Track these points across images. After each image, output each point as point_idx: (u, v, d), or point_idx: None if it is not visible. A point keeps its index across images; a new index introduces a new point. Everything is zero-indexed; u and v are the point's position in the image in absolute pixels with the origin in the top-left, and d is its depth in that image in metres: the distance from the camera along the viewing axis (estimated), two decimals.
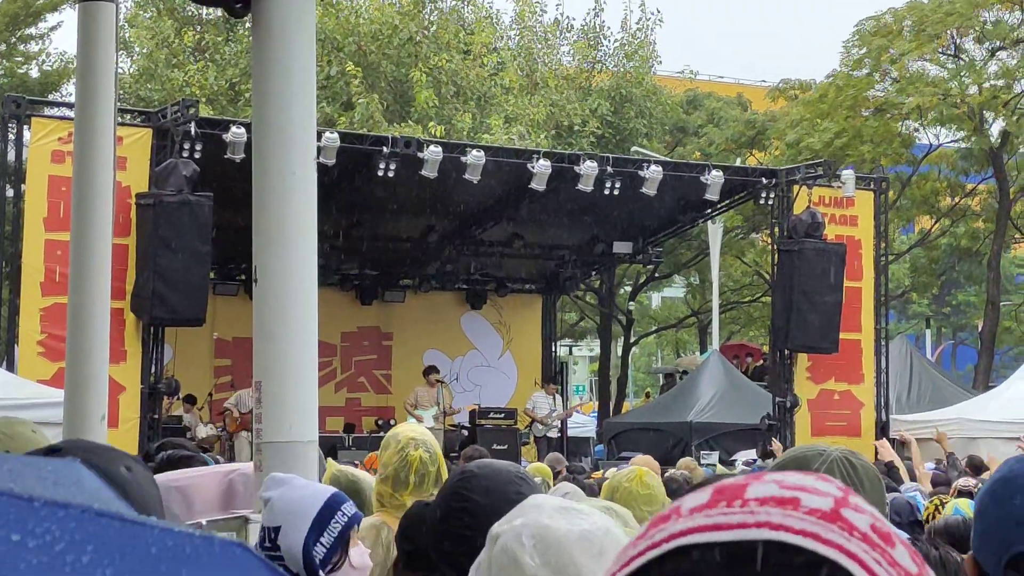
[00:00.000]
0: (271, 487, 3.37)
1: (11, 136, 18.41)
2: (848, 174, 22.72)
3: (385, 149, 20.35)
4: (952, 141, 34.38)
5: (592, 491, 8.13)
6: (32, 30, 36.69)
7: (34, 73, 36.55)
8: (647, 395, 39.10)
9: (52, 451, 2.24)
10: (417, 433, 5.62)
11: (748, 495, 0.95)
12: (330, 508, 3.35)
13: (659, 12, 36.61)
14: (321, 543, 3.30)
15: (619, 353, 40.31)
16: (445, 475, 5.47)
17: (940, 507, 7.74)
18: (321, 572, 3.34)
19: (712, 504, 0.95)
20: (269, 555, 3.23)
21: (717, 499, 0.96)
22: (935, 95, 30.02)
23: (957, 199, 35.45)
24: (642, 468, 6.31)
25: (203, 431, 21.96)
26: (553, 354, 29.68)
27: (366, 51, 31.36)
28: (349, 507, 3.45)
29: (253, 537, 4.94)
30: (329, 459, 6.46)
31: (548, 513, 2.06)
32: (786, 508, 0.93)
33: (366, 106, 29.55)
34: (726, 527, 0.92)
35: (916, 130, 33.24)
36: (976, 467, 14.52)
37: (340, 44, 31.02)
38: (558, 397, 25.62)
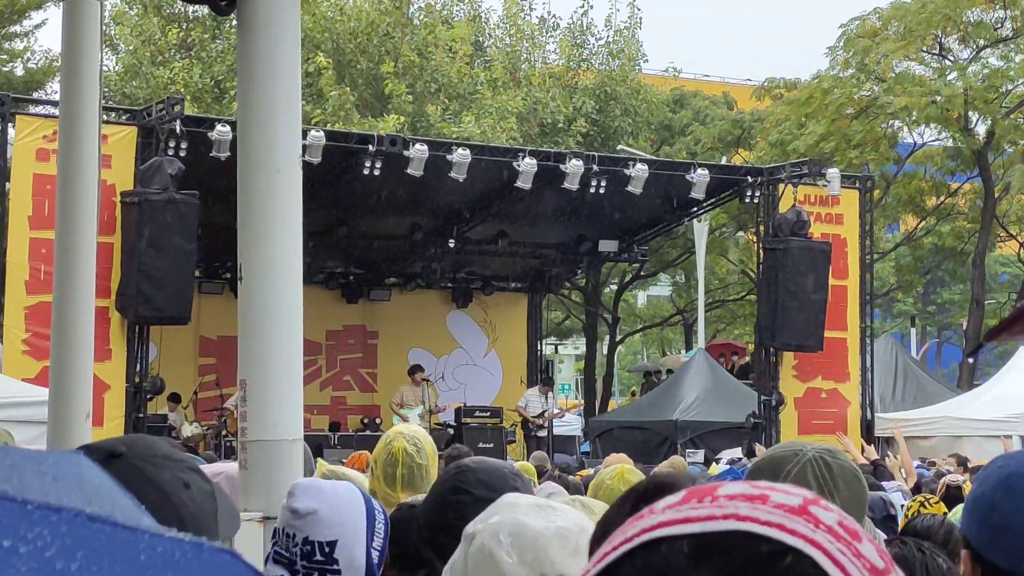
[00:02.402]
0: (309, 498, 3.25)
1: None
2: (833, 173, 22.76)
3: (370, 147, 20.35)
4: (936, 140, 34.48)
5: (577, 490, 8.14)
6: (17, 28, 36.59)
7: (19, 71, 36.45)
8: (633, 394, 39.11)
9: (114, 455, 2.16)
10: (407, 429, 5.62)
11: (719, 493, 0.97)
12: (371, 511, 3.30)
13: (639, 10, 36.55)
14: (374, 548, 3.26)
15: (605, 351, 40.33)
16: (435, 472, 5.47)
17: (926, 503, 7.74)
18: None
19: (684, 501, 0.97)
20: (324, 568, 3.19)
21: (689, 497, 0.98)
22: (923, 95, 30.07)
23: (942, 198, 35.55)
24: (625, 466, 6.36)
25: (188, 430, 21.92)
26: (539, 353, 29.68)
27: (344, 48, 31.38)
28: (378, 504, 3.42)
29: (240, 534, 4.94)
30: (319, 459, 6.45)
31: (524, 511, 2.07)
32: (754, 503, 0.95)
33: (337, 98, 29.56)
34: (695, 520, 0.94)
35: (900, 128, 33.32)
36: (962, 463, 14.58)
37: (318, 41, 31.02)
38: (551, 396, 25.61)
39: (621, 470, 6.15)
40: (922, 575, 3.97)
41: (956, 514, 6.47)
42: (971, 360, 22.73)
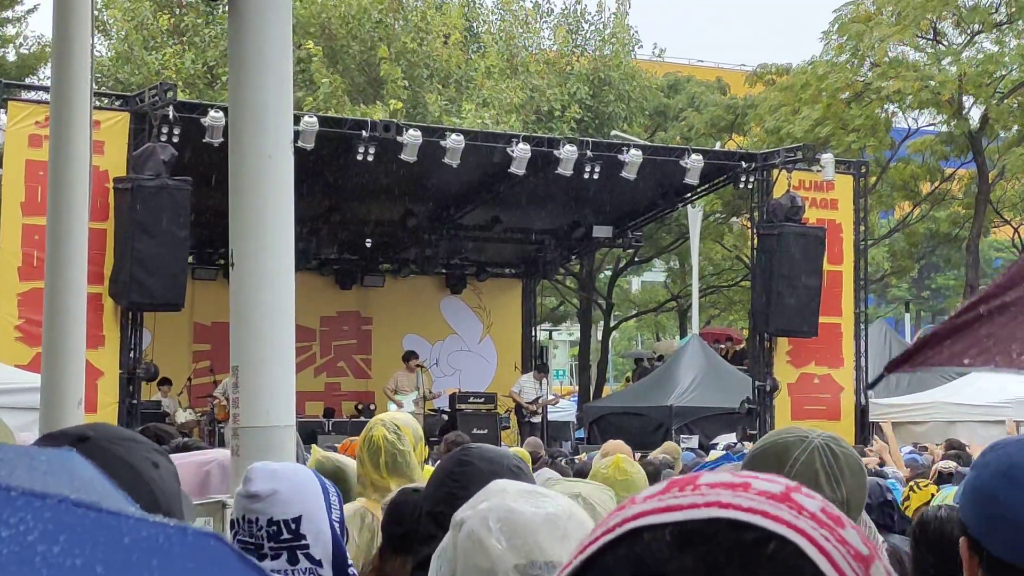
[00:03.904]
0: (267, 480, 3.28)
1: None
2: (827, 158, 22.77)
3: (364, 133, 20.33)
4: (930, 125, 34.48)
5: (569, 476, 8.14)
6: (8, 13, 36.48)
7: (11, 56, 36.33)
8: (627, 379, 39.15)
9: (81, 439, 2.19)
10: (388, 416, 5.64)
11: (700, 482, 0.97)
12: (324, 485, 3.35)
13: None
14: (335, 520, 3.30)
15: (599, 337, 40.37)
16: (422, 457, 5.50)
17: (915, 487, 7.74)
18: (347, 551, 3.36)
19: (665, 491, 0.97)
20: (293, 545, 3.22)
21: (670, 487, 0.98)
22: (916, 80, 30.06)
23: (936, 184, 35.57)
24: (620, 455, 6.38)
25: (182, 416, 21.91)
26: (533, 338, 29.70)
27: (336, 34, 31.33)
28: (328, 481, 3.47)
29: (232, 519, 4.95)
30: (313, 445, 6.47)
31: (513, 497, 2.08)
32: (736, 490, 0.95)
33: (328, 85, 29.51)
34: (676, 508, 0.94)
35: (895, 114, 33.32)
36: (953, 448, 14.56)
37: (309, 27, 30.99)
38: (545, 383, 25.63)
39: (617, 459, 6.18)
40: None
41: (947, 498, 6.47)
42: (870, 394, 22.70)
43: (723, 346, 31.42)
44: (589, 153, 21.73)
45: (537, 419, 24.78)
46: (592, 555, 0.95)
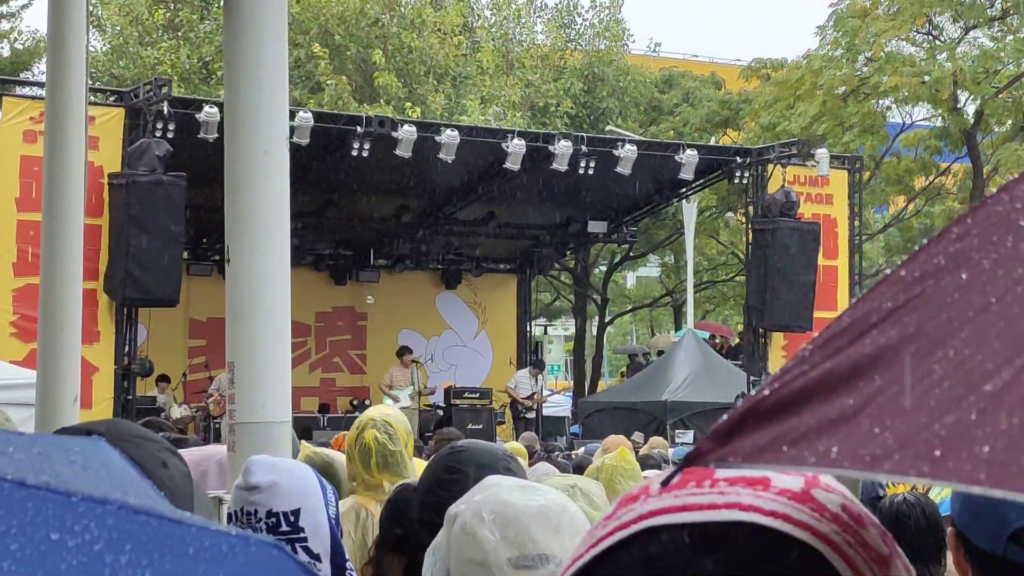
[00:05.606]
0: (267, 471, 3.28)
1: None
2: (822, 153, 22.77)
3: (359, 129, 20.31)
4: (924, 120, 34.45)
5: (566, 471, 8.16)
6: (3, 8, 36.42)
7: (5, 52, 36.27)
8: (622, 374, 39.12)
9: (89, 434, 2.18)
10: (378, 414, 5.60)
11: (718, 476, 0.94)
12: (321, 480, 3.36)
13: None
14: (331, 516, 3.30)
15: (594, 332, 40.35)
16: (410, 452, 5.49)
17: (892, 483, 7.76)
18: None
19: (682, 484, 0.94)
20: (291, 538, 3.22)
21: (687, 479, 0.94)
22: (913, 75, 30.03)
23: (931, 179, 35.55)
24: (624, 447, 6.47)
25: (178, 412, 21.89)
26: (528, 333, 29.68)
27: (333, 32, 31.27)
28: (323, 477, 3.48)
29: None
30: (303, 441, 6.45)
31: (506, 490, 2.08)
32: (756, 489, 0.92)
33: (334, 87, 29.46)
34: (695, 508, 0.91)
35: (889, 108, 33.30)
36: None
37: (306, 27, 30.92)
38: (541, 380, 25.61)
39: (622, 451, 6.26)
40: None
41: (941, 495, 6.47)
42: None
43: (718, 341, 31.43)
44: (584, 148, 21.72)
45: (532, 414, 24.78)
46: (606, 550, 0.93)
